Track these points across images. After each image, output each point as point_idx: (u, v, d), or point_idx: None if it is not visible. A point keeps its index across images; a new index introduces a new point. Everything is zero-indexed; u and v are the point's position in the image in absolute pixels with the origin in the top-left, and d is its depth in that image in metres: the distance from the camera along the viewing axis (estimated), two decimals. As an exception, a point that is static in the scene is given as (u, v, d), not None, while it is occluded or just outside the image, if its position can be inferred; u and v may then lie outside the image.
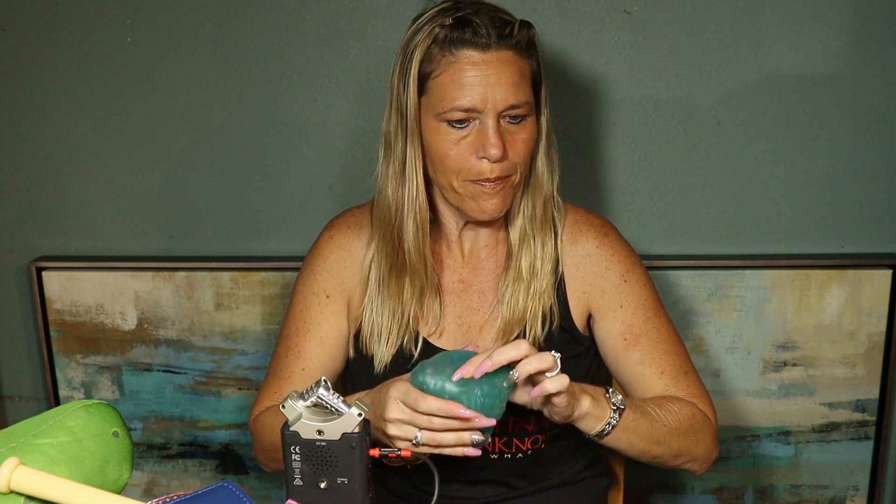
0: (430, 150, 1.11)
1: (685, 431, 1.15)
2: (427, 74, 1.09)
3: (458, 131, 1.08)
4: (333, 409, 0.85)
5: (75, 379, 1.74)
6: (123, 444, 0.83)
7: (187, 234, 1.70)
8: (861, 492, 1.71)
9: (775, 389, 1.67)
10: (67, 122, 1.66)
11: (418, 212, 1.14)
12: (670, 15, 1.54)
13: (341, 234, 1.24)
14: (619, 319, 1.20)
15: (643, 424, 1.10)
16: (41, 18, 1.61)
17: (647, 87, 1.57)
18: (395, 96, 1.12)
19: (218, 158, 1.66)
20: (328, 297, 1.22)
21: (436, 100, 1.09)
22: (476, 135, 1.08)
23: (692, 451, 1.17)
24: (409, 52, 1.10)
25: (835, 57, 1.55)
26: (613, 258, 1.21)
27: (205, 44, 1.60)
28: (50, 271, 1.68)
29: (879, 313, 1.62)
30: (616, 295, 1.20)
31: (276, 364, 1.23)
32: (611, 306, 1.20)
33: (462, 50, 1.07)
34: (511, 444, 1.20)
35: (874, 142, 1.58)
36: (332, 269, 1.22)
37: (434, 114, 1.09)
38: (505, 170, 1.10)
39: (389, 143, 1.15)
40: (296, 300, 1.24)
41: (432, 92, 1.09)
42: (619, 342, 1.20)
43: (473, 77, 1.06)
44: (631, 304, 1.20)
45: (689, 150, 1.61)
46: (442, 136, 1.09)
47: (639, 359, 1.19)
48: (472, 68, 1.06)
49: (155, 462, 1.78)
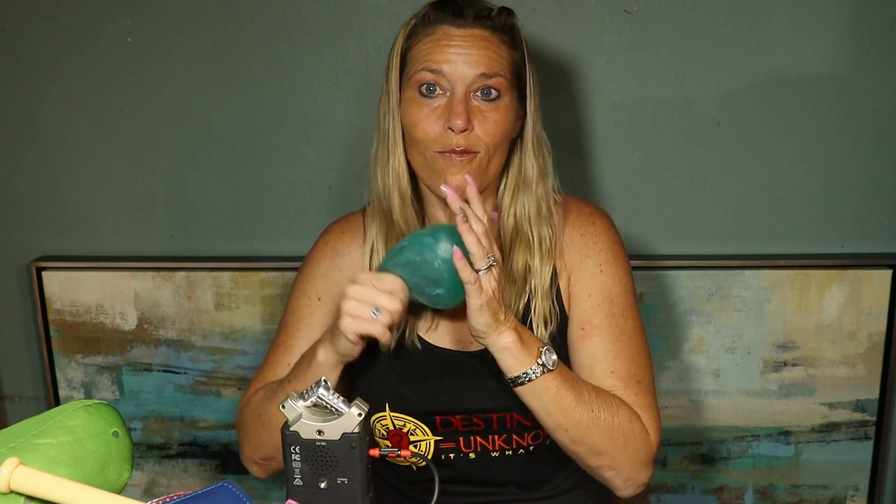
0: (405, 122, 1.14)
1: (615, 433, 1.10)
2: (407, 49, 1.14)
3: (428, 101, 1.11)
4: (333, 409, 0.85)
5: (75, 379, 1.74)
6: (123, 444, 0.83)
7: (187, 234, 1.70)
8: (861, 492, 1.71)
9: (775, 389, 1.67)
10: (67, 122, 1.66)
11: (401, 182, 1.17)
12: (670, 15, 1.54)
13: (335, 239, 1.26)
14: (581, 308, 1.18)
15: (568, 397, 1.07)
16: (41, 18, 1.61)
17: (647, 87, 1.57)
18: (385, 79, 1.16)
19: (218, 158, 1.66)
20: (319, 299, 1.24)
21: (411, 69, 1.12)
22: (444, 107, 1.11)
23: (617, 458, 1.12)
24: (398, 34, 1.16)
25: (835, 57, 1.55)
26: (595, 247, 1.20)
27: (205, 44, 1.60)
28: (50, 271, 1.68)
29: (879, 313, 1.62)
30: (588, 283, 1.18)
31: (268, 357, 1.26)
32: (580, 294, 1.18)
33: (440, 25, 1.12)
34: (511, 441, 1.20)
35: (874, 142, 1.58)
36: (324, 272, 1.24)
37: (408, 83, 1.13)
38: (471, 143, 1.10)
39: (379, 127, 1.18)
40: (290, 301, 1.27)
41: (409, 63, 1.13)
42: (576, 331, 1.17)
43: (446, 46, 1.10)
44: (598, 296, 1.18)
45: (689, 150, 1.60)
46: (414, 106, 1.12)
47: (591, 352, 1.16)
48: (446, 39, 1.10)
49: (155, 462, 1.78)
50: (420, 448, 1.18)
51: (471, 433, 1.18)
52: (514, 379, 1.06)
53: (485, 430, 1.18)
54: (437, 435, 1.18)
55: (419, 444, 1.18)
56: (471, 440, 1.18)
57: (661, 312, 1.64)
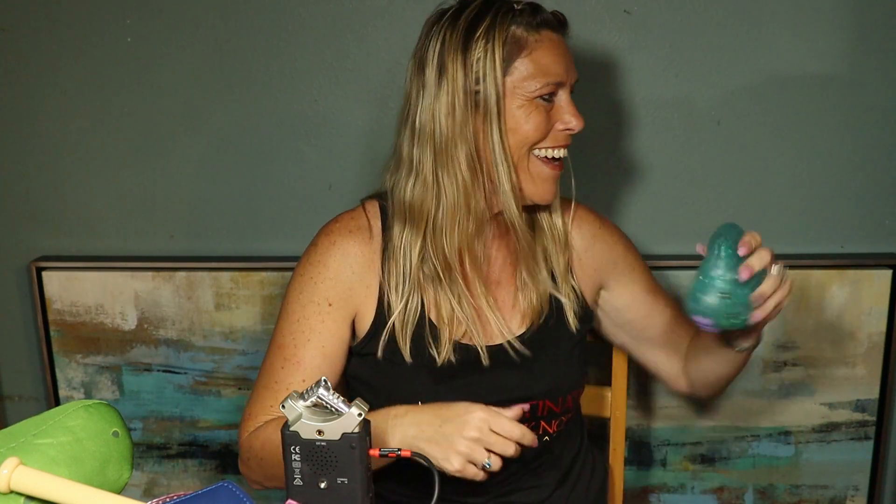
0: (513, 129, 1.14)
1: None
2: (513, 55, 1.12)
3: (547, 105, 1.15)
4: (333, 409, 0.85)
5: (75, 379, 1.74)
6: (123, 444, 0.83)
7: (187, 234, 1.70)
8: (861, 492, 1.71)
9: (775, 389, 1.67)
10: (67, 122, 1.66)
11: (514, 196, 1.16)
12: (670, 15, 1.54)
13: (343, 240, 1.20)
14: (637, 280, 1.32)
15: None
16: (41, 18, 1.61)
17: (647, 87, 1.58)
18: (457, 88, 1.12)
19: (218, 158, 1.66)
20: (330, 304, 1.18)
21: (527, 76, 1.13)
22: (555, 108, 1.16)
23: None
24: (478, 39, 1.11)
25: (835, 57, 1.55)
26: (615, 233, 1.33)
27: (205, 44, 1.60)
28: (50, 271, 1.68)
29: (879, 313, 1.62)
30: (626, 262, 1.32)
31: (270, 376, 1.19)
32: (625, 272, 1.31)
33: (544, 30, 1.14)
34: (538, 427, 1.22)
35: (874, 142, 1.58)
36: (335, 276, 1.19)
37: (523, 92, 1.13)
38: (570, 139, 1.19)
39: (444, 141, 1.13)
40: (291, 309, 1.20)
41: (519, 71, 1.13)
42: (647, 297, 1.32)
43: (558, 53, 1.15)
44: (639, 267, 1.33)
45: (689, 150, 1.60)
46: (534, 111, 1.14)
47: (664, 304, 1.33)
48: (554, 46, 1.15)
49: (155, 462, 1.78)
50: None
51: None
52: (746, 348, 1.19)
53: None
54: None
55: None
56: None
57: (661, 312, 1.64)
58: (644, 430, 1.71)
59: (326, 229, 1.23)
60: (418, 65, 1.15)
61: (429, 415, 1.03)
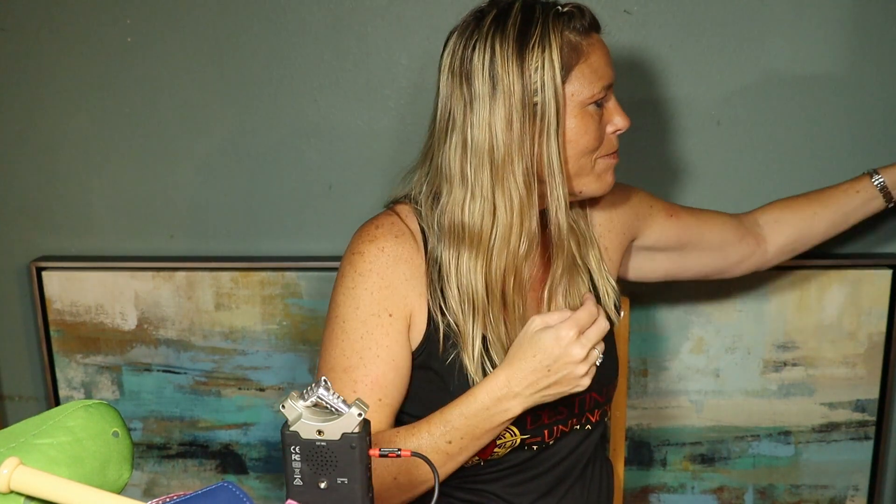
0: (572, 140, 1.11)
1: None
2: (572, 62, 1.09)
3: (598, 110, 1.13)
4: (333, 409, 0.85)
5: (75, 379, 1.74)
6: (123, 444, 0.83)
7: (187, 234, 1.70)
8: (861, 492, 1.71)
9: (775, 389, 1.67)
10: (67, 121, 1.66)
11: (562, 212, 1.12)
12: (670, 15, 1.54)
13: (393, 246, 1.13)
14: (658, 210, 1.35)
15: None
16: (41, 18, 1.61)
17: (647, 87, 1.58)
18: (514, 101, 1.06)
19: (218, 158, 1.66)
20: (391, 315, 1.12)
21: (586, 83, 1.10)
22: (606, 112, 1.15)
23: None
24: (533, 47, 1.06)
25: (835, 57, 1.55)
26: (620, 189, 1.30)
27: (205, 44, 1.60)
28: (50, 271, 1.68)
29: (879, 313, 1.62)
30: (641, 203, 1.34)
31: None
32: (647, 211, 1.35)
33: (592, 33, 1.13)
34: (583, 417, 1.22)
35: (874, 142, 1.58)
36: (391, 284, 1.12)
37: (580, 99, 1.10)
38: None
39: (501, 157, 1.08)
40: (349, 326, 1.12)
41: (577, 78, 1.10)
42: (672, 213, 1.37)
43: (605, 54, 1.14)
44: (651, 198, 1.37)
45: (689, 150, 1.61)
46: (589, 119, 1.12)
47: (695, 215, 1.38)
48: (602, 47, 1.13)
49: (155, 462, 1.78)
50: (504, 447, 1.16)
51: (555, 423, 1.19)
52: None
53: (566, 417, 1.20)
54: (526, 434, 1.16)
55: (504, 444, 1.16)
56: (554, 429, 1.19)
57: (661, 312, 1.64)
58: (644, 430, 1.71)
59: (369, 235, 1.15)
60: (462, 77, 1.08)
61: (527, 371, 1.05)
